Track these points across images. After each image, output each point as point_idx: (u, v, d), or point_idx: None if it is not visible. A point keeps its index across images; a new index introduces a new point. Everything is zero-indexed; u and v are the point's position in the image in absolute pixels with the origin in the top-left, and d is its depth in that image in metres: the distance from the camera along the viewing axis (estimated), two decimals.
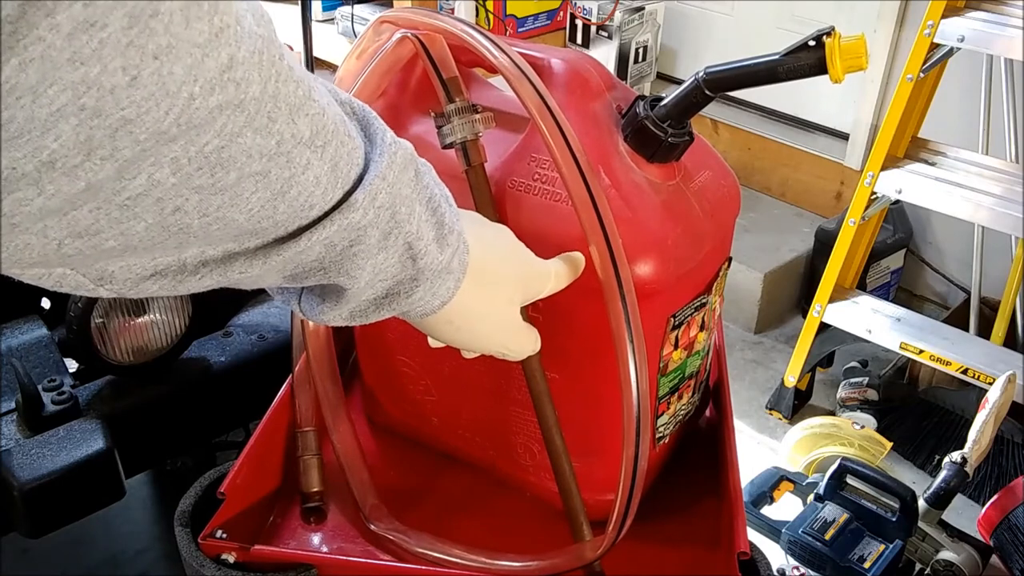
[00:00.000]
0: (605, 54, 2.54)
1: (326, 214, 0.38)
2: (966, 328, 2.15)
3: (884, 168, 1.85)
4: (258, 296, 1.10)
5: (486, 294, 0.52)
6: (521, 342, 0.59)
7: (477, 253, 0.49)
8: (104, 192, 0.29)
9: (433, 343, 0.58)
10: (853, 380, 2.14)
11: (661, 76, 2.88)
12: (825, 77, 0.56)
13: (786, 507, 1.51)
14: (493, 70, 0.62)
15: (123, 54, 0.26)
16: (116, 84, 0.26)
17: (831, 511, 1.36)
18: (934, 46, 1.75)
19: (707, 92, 0.61)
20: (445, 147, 0.63)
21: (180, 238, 0.33)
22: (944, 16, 1.70)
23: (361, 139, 0.40)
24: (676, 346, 0.68)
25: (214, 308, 1.06)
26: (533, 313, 0.64)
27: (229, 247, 0.36)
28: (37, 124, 0.26)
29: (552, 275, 0.58)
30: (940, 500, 1.36)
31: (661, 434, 0.72)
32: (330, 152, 0.36)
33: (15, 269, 0.32)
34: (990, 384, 1.48)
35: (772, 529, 1.40)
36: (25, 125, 0.26)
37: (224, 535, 0.65)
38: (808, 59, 0.56)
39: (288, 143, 0.33)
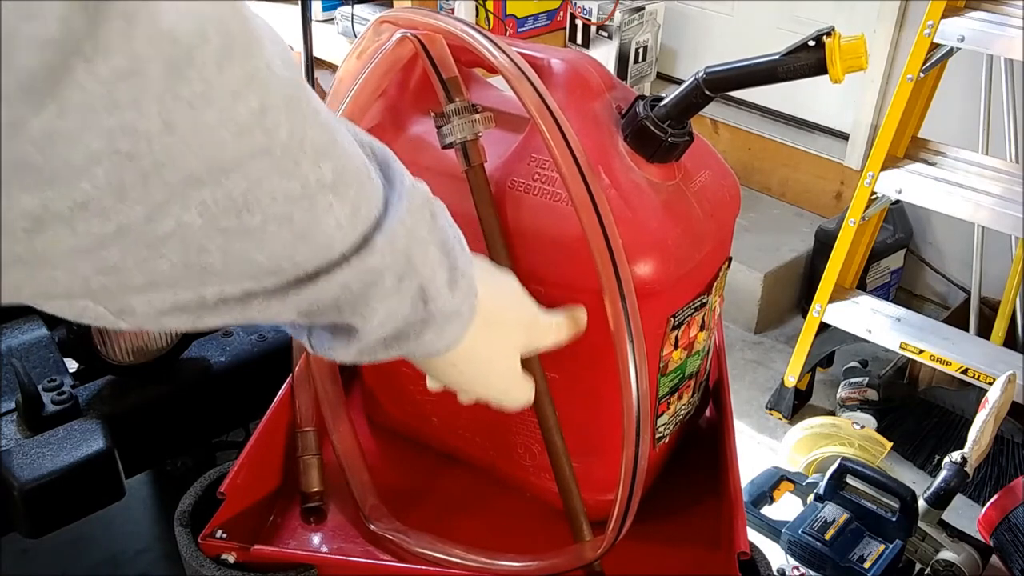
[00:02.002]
0: (605, 54, 2.54)
1: (345, 256, 0.38)
2: (966, 328, 2.15)
3: (884, 168, 1.85)
4: None
5: (492, 339, 0.52)
6: (519, 391, 0.59)
7: (485, 298, 0.49)
8: (133, 233, 0.29)
9: (431, 385, 0.58)
10: (853, 380, 2.14)
11: (661, 76, 2.88)
12: (825, 77, 0.56)
13: (786, 507, 1.51)
14: (493, 70, 0.62)
15: (159, 101, 0.27)
16: (151, 130, 0.27)
17: (831, 511, 1.36)
18: (934, 46, 1.75)
19: (707, 92, 0.61)
20: (445, 147, 0.63)
21: (203, 277, 0.33)
22: (944, 16, 1.70)
23: (381, 181, 0.40)
24: (676, 346, 0.68)
25: None
26: None
27: (248, 286, 0.36)
28: (73, 168, 0.26)
29: (555, 327, 0.59)
30: (940, 500, 1.36)
31: (661, 434, 0.72)
32: (351, 196, 0.37)
33: (39, 300, 0.32)
34: (990, 384, 1.48)
35: (772, 529, 1.40)
36: (61, 168, 0.26)
37: (224, 535, 0.65)
38: (808, 59, 0.56)
39: (312, 187, 0.34)
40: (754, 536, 1.07)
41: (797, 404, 2.15)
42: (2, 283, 0.29)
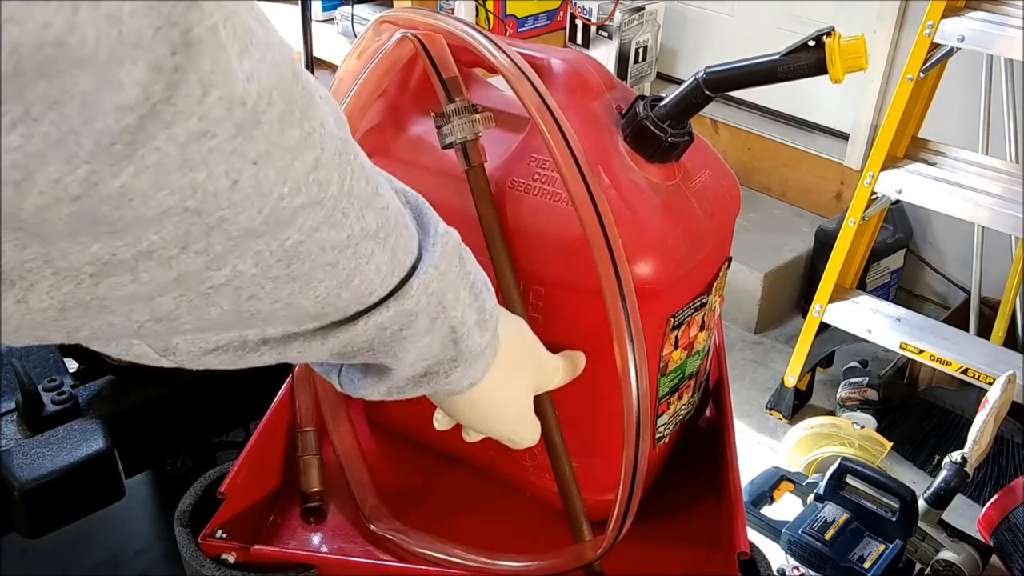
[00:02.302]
0: (605, 54, 2.54)
1: (382, 300, 0.40)
2: (966, 328, 2.15)
3: (884, 168, 1.85)
4: None
5: (510, 378, 0.54)
6: (529, 431, 0.61)
7: (504, 338, 0.51)
8: (191, 281, 0.31)
9: (441, 422, 0.60)
10: (853, 380, 2.14)
11: (661, 76, 2.88)
12: (825, 77, 0.56)
13: (786, 507, 1.51)
14: (493, 70, 0.62)
15: (227, 160, 0.28)
16: (219, 188, 0.28)
17: (831, 511, 1.36)
18: (934, 46, 1.75)
19: (707, 92, 0.61)
20: (445, 147, 0.63)
21: (249, 321, 0.35)
22: (944, 16, 1.70)
23: (415, 228, 0.42)
24: (676, 346, 0.68)
25: None
26: (533, 313, 0.64)
27: (290, 328, 0.38)
28: (143, 221, 0.27)
29: (559, 368, 0.61)
30: (940, 500, 1.36)
31: (661, 434, 0.72)
32: (391, 243, 0.39)
33: (92, 342, 0.34)
34: (990, 384, 1.48)
35: (772, 529, 1.40)
36: (132, 222, 0.27)
37: (224, 535, 0.65)
38: (808, 59, 0.56)
39: (357, 236, 0.36)
40: (754, 536, 1.06)
41: (797, 404, 2.15)
42: (63, 324, 0.30)
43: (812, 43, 0.56)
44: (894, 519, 1.32)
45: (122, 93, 0.25)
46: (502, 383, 0.53)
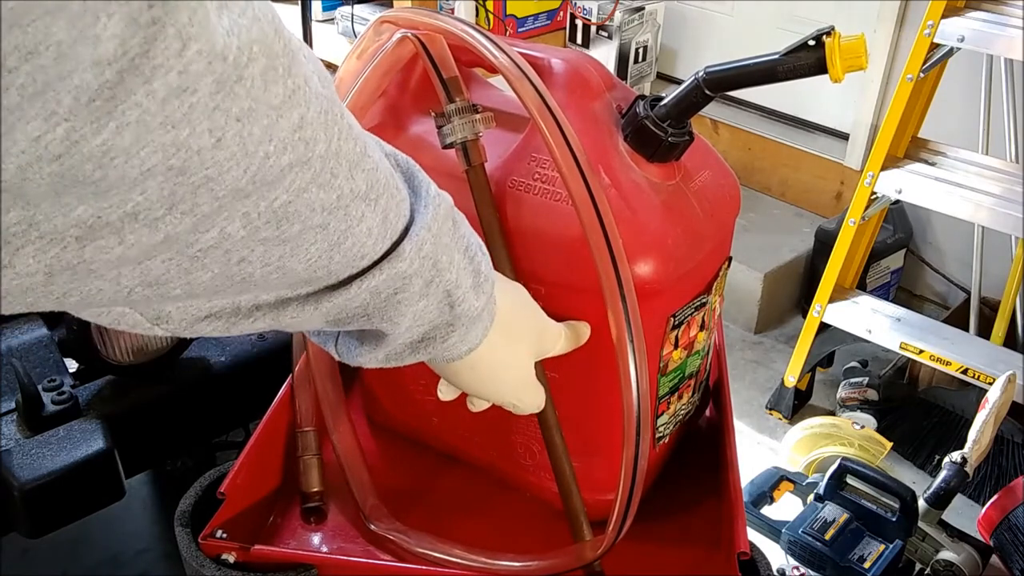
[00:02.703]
0: (605, 54, 2.54)
1: (375, 263, 0.40)
2: (966, 328, 2.15)
3: (884, 168, 1.85)
4: None
5: (509, 343, 0.54)
6: (532, 396, 0.60)
7: (502, 304, 0.51)
8: (179, 244, 0.30)
9: (445, 393, 0.60)
10: (853, 380, 2.14)
11: (661, 76, 2.88)
12: (825, 77, 0.56)
13: (786, 507, 1.51)
14: (493, 70, 0.62)
15: (209, 117, 0.28)
16: (202, 146, 0.28)
17: (831, 511, 1.36)
18: (934, 46, 1.75)
19: (707, 92, 0.61)
20: (445, 147, 0.63)
21: (241, 286, 0.35)
22: (944, 16, 1.70)
23: (407, 191, 0.42)
24: (676, 346, 0.68)
25: None
26: None
27: (283, 293, 0.38)
28: (127, 181, 0.27)
29: (561, 335, 0.61)
30: (940, 500, 1.36)
31: (661, 434, 0.72)
32: (382, 205, 0.38)
33: (82, 308, 0.33)
34: (990, 384, 1.48)
35: (772, 529, 1.40)
36: (116, 182, 0.27)
37: (224, 535, 0.65)
38: (808, 59, 0.56)
39: (347, 197, 0.35)
40: (754, 536, 1.06)
41: (797, 404, 2.15)
42: (51, 290, 0.30)
43: (812, 43, 0.56)
44: (894, 519, 1.32)
45: (99, 47, 0.24)
46: (501, 348, 0.52)
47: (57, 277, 0.29)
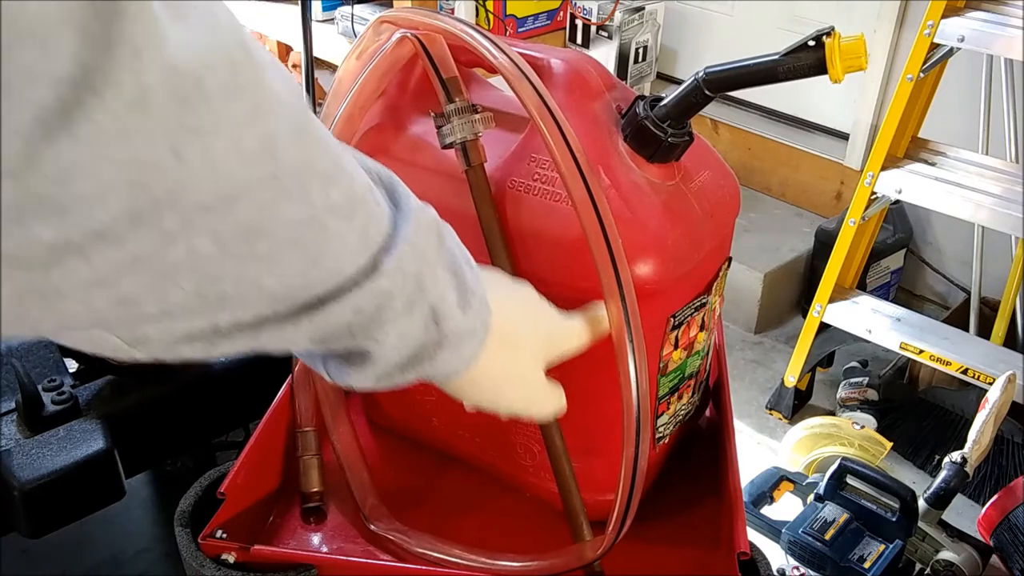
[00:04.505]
0: (605, 54, 2.54)
1: (355, 280, 0.38)
2: (966, 328, 2.15)
3: (884, 168, 1.85)
4: None
5: (509, 354, 0.52)
6: (545, 402, 0.58)
7: (499, 313, 0.49)
8: (147, 262, 0.30)
9: (469, 407, 0.57)
10: (853, 380, 2.14)
11: (661, 76, 2.88)
12: (825, 77, 0.56)
13: (786, 507, 1.51)
14: (493, 70, 0.62)
15: (168, 132, 0.27)
16: (162, 160, 0.28)
17: (831, 511, 1.36)
18: (934, 46, 1.75)
19: (707, 92, 0.61)
20: (445, 147, 0.63)
21: (216, 304, 0.34)
22: (944, 16, 1.70)
23: (387, 205, 0.41)
24: (676, 346, 0.68)
25: None
26: None
27: (261, 312, 0.37)
28: (88, 199, 0.27)
29: (576, 333, 0.58)
30: (940, 500, 1.36)
31: (661, 434, 0.72)
32: (360, 219, 0.37)
33: (58, 333, 0.33)
34: (990, 384, 1.48)
35: (772, 529, 1.40)
36: (76, 200, 0.27)
37: (224, 535, 0.65)
38: (808, 59, 0.56)
39: (320, 211, 0.35)
40: (754, 536, 1.06)
41: (797, 404, 2.15)
42: (24, 316, 0.29)
43: (812, 43, 0.56)
44: (894, 519, 1.32)
45: (54, 64, 0.24)
46: (502, 359, 0.51)
47: (28, 303, 0.29)
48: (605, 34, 2.57)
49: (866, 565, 1.29)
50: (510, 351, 0.52)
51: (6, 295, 0.28)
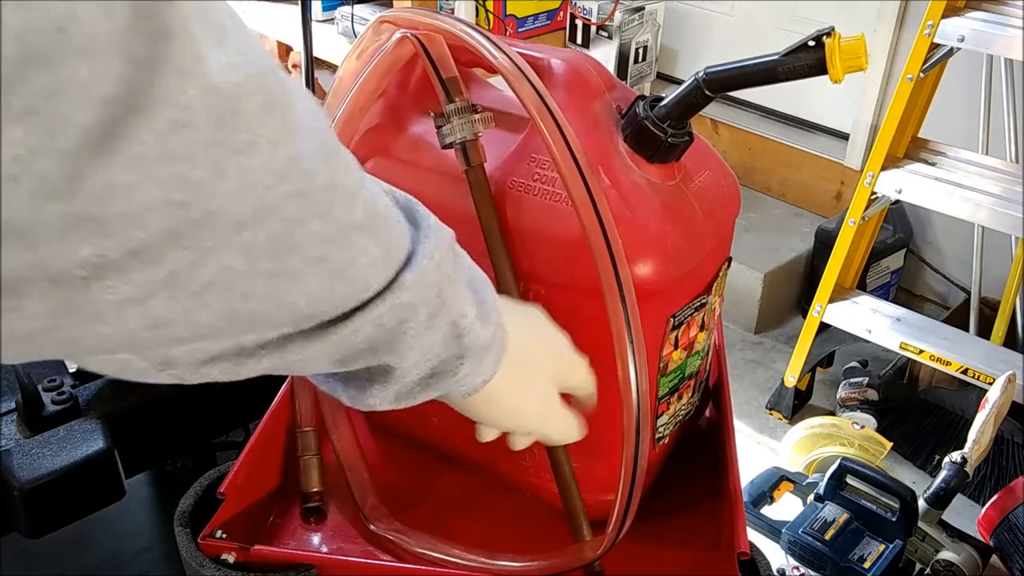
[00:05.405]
0: (605, 54, 2.54)
1: (378, 294, 0.39)
2: (966, 328, 2.15)
3: (884, 168, 1.85)
4: None
5: (524, 371, 0.53)
6: (561, 424, 0.58)
7: (512, 332, 0.50)
8: (180, 279, 0.30)
9: (482, 434, 0.58)
10: (853, 380, 2.14)
11: (661, 76, 2.88)
12: (825, 77, 0.56)
13: (786, 507, 1.51)
14: (493, 70, 0.62)
15: (209, 151, 0.28)
16: (203, 179, 0.29)
17: (831, 511, 1.36)
18: (934, 46, 1.75)
19: (707, 92, 0.61)
20: (445, 147, 0.63)
21: (244, 323, 0.35)
22: (944, 16, 1.70)
23: (407, 223, 0.42)
24: (676, 346, 0.68)
25: None
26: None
27: (286, 330, 0.38)
28: (130, 218, 0.27)
29: (581, 365, 0.59)
30: (940, 500, 1.36)
31: (661, 434, 0.72)
32: (383, 236, 0.39)
33: (87, 356, 0.34)
34: (990, 384, 1.48)
35: (772, 529, 1.40)
36: (118, 219, 0.27)
37: (224, 535, 0.65)
38: (808, 59, 0.56)
39: (347, 228, 0.36)
40: (754, 536, 1.06)
41: (797, 404, 2.15)
42: (54, 336, 0.30)
43: (812, 43, 0.56)
44: (894, 519, 1.32)
45: (101, 86, 0.25)
46: (518, 376, 0.52)
47: (62, 322, 0.29)
48: (605, 34, 2.57)
49: (866, 565, 1.29)
50: (527, 368, 0.53)
51: (41, 313, 0.28)
